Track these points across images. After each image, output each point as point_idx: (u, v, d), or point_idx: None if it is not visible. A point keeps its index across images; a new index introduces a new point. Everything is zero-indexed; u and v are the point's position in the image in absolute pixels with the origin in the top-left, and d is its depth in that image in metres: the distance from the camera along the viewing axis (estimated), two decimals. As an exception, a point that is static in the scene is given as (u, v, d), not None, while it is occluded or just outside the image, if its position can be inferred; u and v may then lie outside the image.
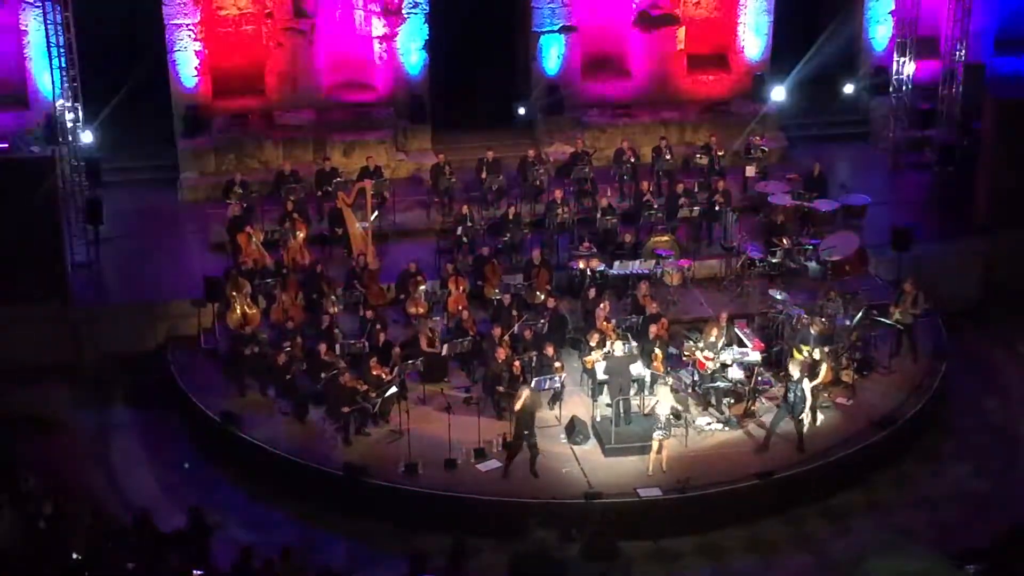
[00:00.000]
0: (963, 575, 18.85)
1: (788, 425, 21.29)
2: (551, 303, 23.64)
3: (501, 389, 21.67)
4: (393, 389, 21.63)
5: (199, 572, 16.46)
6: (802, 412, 21.13)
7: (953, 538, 19.93)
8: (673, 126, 30.15)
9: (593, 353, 22.09)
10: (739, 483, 20.73)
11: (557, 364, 22.06)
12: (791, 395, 21.05)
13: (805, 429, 21.37)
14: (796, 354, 22.05)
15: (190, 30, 28.29)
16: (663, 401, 20.83)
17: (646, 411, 21.38)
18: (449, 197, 27.35)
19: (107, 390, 23.71)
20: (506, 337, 22.49)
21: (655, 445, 20.72)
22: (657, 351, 22.31)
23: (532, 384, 21.55)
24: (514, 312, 23.24)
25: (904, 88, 29.79)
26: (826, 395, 22.20)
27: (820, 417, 21.94)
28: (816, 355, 21.94)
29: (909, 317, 23.58)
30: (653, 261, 25.11)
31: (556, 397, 22.20)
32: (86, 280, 25.35)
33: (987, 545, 18.28)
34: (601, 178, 27.82)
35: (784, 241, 25.60)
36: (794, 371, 21.13)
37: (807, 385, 21.07)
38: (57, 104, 25.52)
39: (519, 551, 7.26)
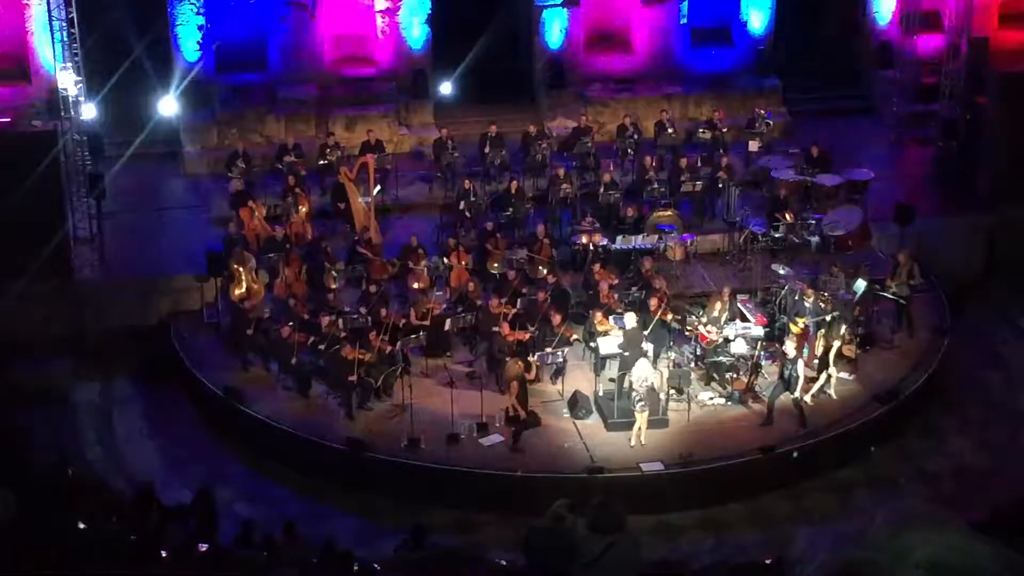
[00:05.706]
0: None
1: (788, 399, 21.32)
2: (551, 278, 23.62)
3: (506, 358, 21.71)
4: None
5: (204, 546, 16.47)
6: (797, 389, 21.14)
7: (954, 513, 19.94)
8: (676, 100, 30.06)
9: (609, 320, 22.04)
10: (742, 457, 20.78)
11: (566, 331, 22.09)
12: (787, 372, 21.07)
13: (811, 396, 21.48)
14: (792, 327, 22.03)
15: (193, 3, 28.19)
16: (638, 374, 20.79)
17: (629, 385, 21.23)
18: (452, 172, 27.32)
19: (110, 364, 23.74)
20: (506, 308, 22.49)
21: (639, 419, 20.78)
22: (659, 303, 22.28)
23: (535, 358, 21.57)
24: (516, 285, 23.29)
25: (908, 62, 29.70)
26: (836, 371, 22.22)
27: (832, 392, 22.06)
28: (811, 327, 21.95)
29: (905, 289, 23.52)
30: (656, 236, 25.07)
31: (559, 371, 22.21)
32: (89, 254, 25.33)
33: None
34: (604, 153, 27.78)
35: (787, 216, 25.54)
36: (789, 349, 21.13)
37: (801, 364, 21.07)
38: (59, 78, 25.46)
39: (534, 525, 7.24)
